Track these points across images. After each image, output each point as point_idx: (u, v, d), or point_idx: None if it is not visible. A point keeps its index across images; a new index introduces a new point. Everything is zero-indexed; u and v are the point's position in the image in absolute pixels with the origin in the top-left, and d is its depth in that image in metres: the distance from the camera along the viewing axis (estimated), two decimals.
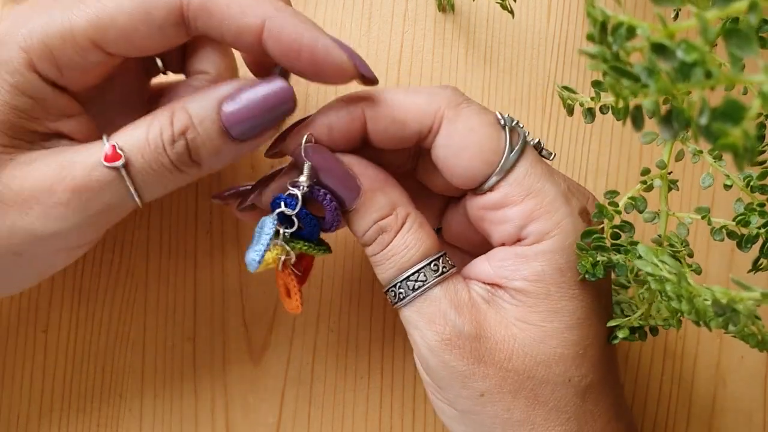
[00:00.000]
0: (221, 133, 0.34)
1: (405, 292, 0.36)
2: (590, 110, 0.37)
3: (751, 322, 0.27)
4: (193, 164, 0.35)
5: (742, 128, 0.17)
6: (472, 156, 0.36)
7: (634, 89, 0.22)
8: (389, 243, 0.36)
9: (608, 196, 0.36)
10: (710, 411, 0.48)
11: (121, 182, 0.33)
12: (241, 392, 0.46)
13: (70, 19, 0.33)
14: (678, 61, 0.19)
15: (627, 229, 0.35)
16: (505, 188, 0.36)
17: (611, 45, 0.23)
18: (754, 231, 0.33)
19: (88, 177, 0.33)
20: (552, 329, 0.35)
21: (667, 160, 0.33)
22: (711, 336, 0.48)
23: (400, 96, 0.37)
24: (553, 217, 0.36)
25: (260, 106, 0.34)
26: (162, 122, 0.34)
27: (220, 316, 0.47)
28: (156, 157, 0.33)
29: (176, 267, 0.47)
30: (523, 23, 0.49)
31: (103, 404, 0.45)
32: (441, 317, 0.35)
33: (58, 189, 0.33)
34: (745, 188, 0.34)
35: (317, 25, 0.35)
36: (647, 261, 0.30)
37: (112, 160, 0.33)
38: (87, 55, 0.34)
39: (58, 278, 0.46)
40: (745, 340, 0.29)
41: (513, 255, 0.36)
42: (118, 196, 0.34)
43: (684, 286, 0.28)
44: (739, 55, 0.17)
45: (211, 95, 0.34)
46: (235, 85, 0.35)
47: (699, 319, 0.28)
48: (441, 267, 0.36)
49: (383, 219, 0.36)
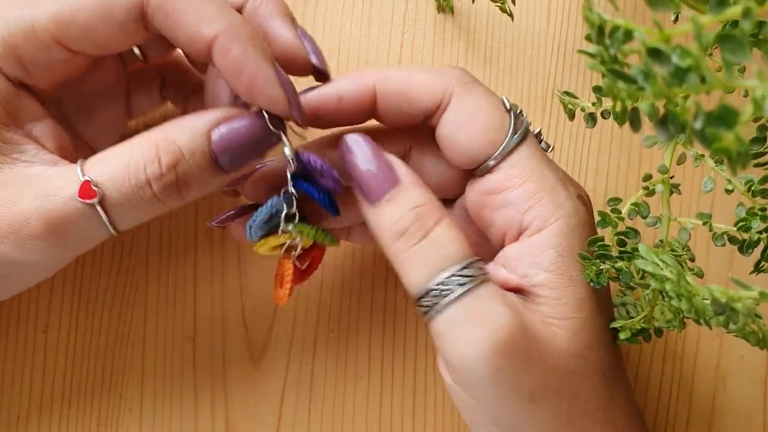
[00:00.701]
0: (211, 164, 0.34)
1: (451, 289, 0.33)
2: (591, 115, 0.37)
3: (751, 321, 0.27)
4: (179, 196, 0.34)
5: (735, 133, 0.17)
6: (477, 133, 0.36)
7: (631, 92, 0.22)
8: (430, 230, 0.34)
9: (611, 203, 0.36)
10: (710, 411, 0.48)
11: (96, 216, 0.33)
12: (241, 392, 0.46)
13: (32, 17, 0.33)
14: (673, 66, 0.19)
15: (632, 236, 0.35)
16: (506, 169, 0.36)
17: (608, 48, 0.23)
18: (755, 236, 0.33)
19: (63, 210, 0.32)
20: (582, 319, 0.35)
21: (669, 164, 0.33)
22: (711, 336, 0.48)
23: (412, 72, 0.37)
24: (555, 200, 0.36)
25: (250, 134, 0.34)
26: (145, 155, 0.33)
27: (220, 316, 0.47)
28: (136, 192, 0.33)
29: (176, 267, 0.47)
30: (523, 24, 0.49)
31: (103, 404, 0.46)
32: (494, 315, 0.32)
33: (32, 222, 0.32)
34: (746, 192, 0.34)
35: (268, 52, 0.34)
36: (648, 260, 0.30)
37: (86, 197, 0.32)
38: (50, 52, 0.33)
39: (58, 278, 0.46)
40: (745, 338, 0.29)
41: (527, 249, 0.36)
42: (94, 229, 0.33)
43: (683, 285, 0.28)
44: (733, 61, 0.17)
45: (201, 125, 0.34)
46: (222, 113, 0.35)
47: (698, 317, 0.28)
48: (484, 269, 0.34)
49: (422, 206, 0.34)
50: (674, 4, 0.20)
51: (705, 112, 0.18)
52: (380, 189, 0.34)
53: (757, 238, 0.33)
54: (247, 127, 0.34)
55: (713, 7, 0.17)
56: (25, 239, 0.32)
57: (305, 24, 0.48)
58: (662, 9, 0.20)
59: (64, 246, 0.33)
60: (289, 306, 0.47)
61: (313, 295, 0.47)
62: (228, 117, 0.34)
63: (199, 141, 0.33)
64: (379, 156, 0.35)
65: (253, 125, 0.34)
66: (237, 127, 0.34)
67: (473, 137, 0.36)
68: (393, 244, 0.34)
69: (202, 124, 0.34)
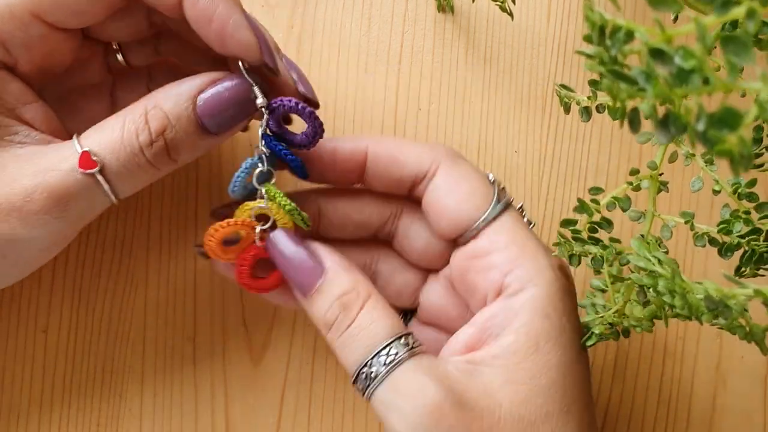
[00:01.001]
0: (198, 129, 0.35)
1: (377, 370, 0.34)
2: (587, 109, 0.37)
3: (740, 316, 0.27)
4: (171, 161, 0.35)
5: (738, 135, 0.17)
6: (463, 199, 0.37)
7: (631, 93, 0.22)
8: (354, 319, 0.35)
9: (592, 191, 0.36)
10: (710, 411, 0.48)
11: (97, 185, 0.34)
12: (241, 392, 0.46)
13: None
14: (676, 67, 0.19)
15: (605, 226, 0.36)
16: (490, 235, 0.37)
17: (609, 48, 0.23)
18: (735, 240, 0.33)
19: (64, 182, 0.33)
20: (539, 386, 0.34)
21: (660, 162, 0.33)
22: (711, 336, 0.48)
23: (404, 141, 0.40)
24: (536, 265, 0.36)
25: (233, 97, 0.35)
26: (136, 122, 0.34)
27: (220, 316, 0.47)
28: (132, 159, 0.34)
29: (176, 267, 0.47)
30: (523, 24, 0.49)
31: (103, 404, 0.46)
32: (420, 389, 0.33)
33: (35, 196, 0.33)
34: (732, 195, 0.34)
35: (239, 3, 0.35)
36: (640, 256, 0.30)
37: (87, 168, 0.33)
38: (28, 28, 0.34)
39: (58, 278, 0.46)
40: (732, 332, 0.29)
41: (500, 310, 0.36)
42: (95, 198, 0.34)
43: (678, 283, 0.28)
44: (736, 63, 0.17)
45: (184, 90, 0.35)
46: (206, 78, 0.35)
47: (691, 314, 0.29)
48: (411, 343, 0.35)
49: (345, 295, 0.35)
50: (677, 4, 0.20)
51: (707, 114, 0.18)
52: (308, 282, 0.36)
53: (737, 242, 0.33)
54: (229, 90, 0.35)
55: (718, 7, 0.17)
56: (28, 214, 0.33)
57: (305, 24, 0.48)
58: (664, 9, 0.20)
59: (67, 218, 0.34)
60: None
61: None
62: (212, 80, 0.35)
63: (184, 106, 0.34)
64: (303, 247, 0.37)
65: (236, 87, 0.35)
66: (220, 90, 0.35)
67: (459, 202, 0.37)
68: (327, 334, 0.36)
69: (187, 89, 0.35)
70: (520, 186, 0.48)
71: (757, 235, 0.33)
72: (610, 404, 0.47)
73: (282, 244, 0.37)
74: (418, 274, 0.42)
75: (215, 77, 0.35)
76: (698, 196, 0.49)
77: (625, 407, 0.48)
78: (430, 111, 0.49)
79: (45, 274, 0.46)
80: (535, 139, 0.49)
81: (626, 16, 0.50)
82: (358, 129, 0.48)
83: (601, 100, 0.37)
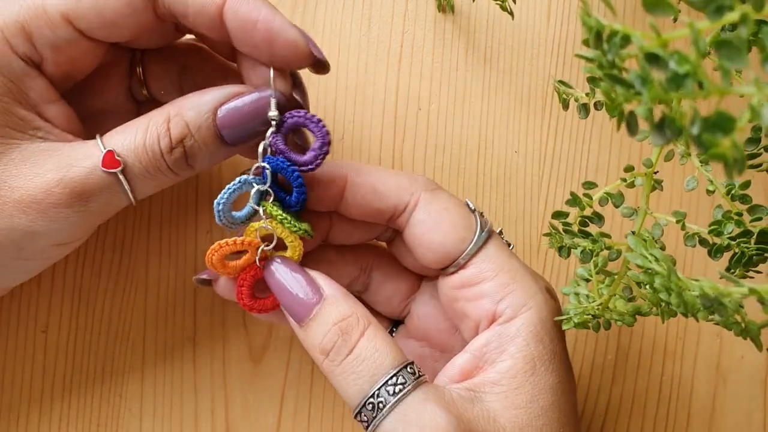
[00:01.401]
0: (216, 139, 0.36)
1: (385, 400, 0.33)
2: (584, 105, 0.38)
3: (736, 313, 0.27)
4: (188, 167, 0.36)
5: (732, 139, 0.17)
6: (448, 231, 0.38)
7: (627, 96, 0.22)
8: (354, 346, 0.34)
9: (586, 186, 0.36)
10: (710, 411, 0.48)
11: (118, 185, 0.35)
12: (241, 392, 0.46)
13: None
14: (671, 71, 0.19)
15: (595, 221, 0.36)
16: (478, 264, 0.37)
17: (606, 53, 0.23)
18: (725, 241, 0.33)
19: (86, 179, 0.34)
20: (538, 408, 0.34)
21: (655, 161, 0.34)
22: (711, 336, 0.48)
23: (382, 172, 0.39)
24: (527, 290, 0.37)
25: (252, 111, 0.35)
26: (159, 129, 0.35)
27: (220, 316, 0.47)
28: (153, 162, 0.35)
29: (176, 267, 0.47)
30: (523, 24, 0.49)
31: (103, 404, 0.46)
32: (431, 419, 0.32)
33: (56, 190, 0.33)
34: (726, 196, 0.34)
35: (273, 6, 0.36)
36: (636, 253, 0.30)
37: (110, 167, 0.34)
38: (58, 30, 0.34)
39: (58, 278, 0.46)
40: (728, 329, 0.29)
41: (496, 337, 0.36)
42: (115, 197, 0.35)
43: (673, 280, 0.28)
44: (730, 68, 0.17)
45: (207, 101, 0.35)
46: (228, 90, 0.36)
47: (687, 311, 0.29)
48: (417, 371, 0.34)
49: (345, 320, 0.35)
50: (672, 9, 0.20)
51: (702, 118, 0.18)
52: (304, 309, 0.35)
53: (727, 243, 0.33)
54: (249, 104, 0.35)
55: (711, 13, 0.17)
56: (48, 207, 0.33)
57: (305, 24, 0.48)
58: (660, 14, 0.20)
59: (85, 214, 0.35)
60: None
61: None
62: (234, 93, 0.36)
63: (205, 117, 0.35)
64: (300, 273, 0.36)
65: (256, 102, 0.36)
66: (240, 104, 0.35)
67: (444, 235, 0.38)
68: (323, 362, 0.35)
69: (209, 100, 0.35)
70: (520, 186, 0.48)
71: (747, 238, 0.33)
72: (610, 404, 0.47)
73: (279, 272, 0.37)
74: (410, 281, 0.42)
75: (237, 91, 0.36)
76: (693, 196, 0.49)
77: (625, 407, 0.48)
78: (430, 111, 0.49)
79: (45, 275, 0.46)
80: (535, 139, 0.49)
81: (625, 20, 0.50)
82: (358, 129, 0.48)
83: (599, 97, 0.37)
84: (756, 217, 0.33)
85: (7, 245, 0.34)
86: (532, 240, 0.48)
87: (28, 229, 0.34)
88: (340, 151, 0.48)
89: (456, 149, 0.49)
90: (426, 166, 0.48)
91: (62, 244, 0.36)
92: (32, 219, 0.34)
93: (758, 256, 0.33)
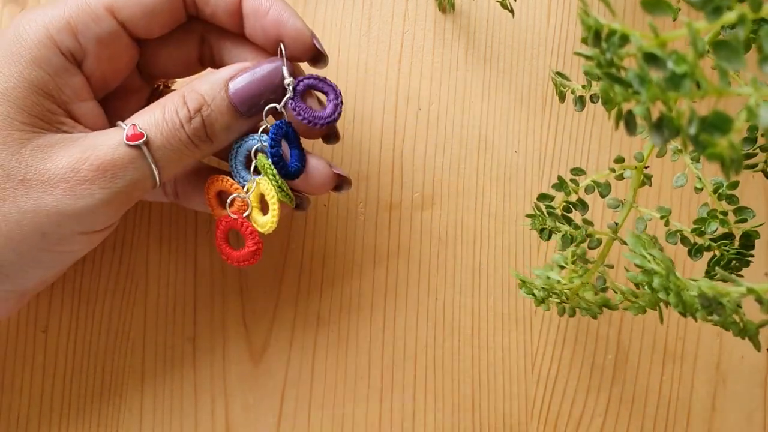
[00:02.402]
0: (231, 109, 0.37)
1: None
2: (581, 98, 0.38)
3: (734, 313, 0.27)
4: (207, 139, 0.37)
5: (729, 139, 0.17)
6: None
7: (626, 96, 0.22)
8: None
9: (573, 172, 0.37)
10: (710, 411, 0.48)
11: (143, 159, 0.36)
12: (241, 392, 0.46)
13: None
14: (669, 72, 0.19)
15: (579, 207, 0.36)
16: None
17: (605, 52, 0.23)
18: (706, 242, 0.33)
19: (111, 155, 0.35)
20: None
21: (647, 155, 0.34)
22: (711, 336, 0.48)
23: None
24: None
25: (263, 82, 0.38)
26: (176, 103, 0.37)
27: (220, 316, 0.47)
28: (174, 134, 0.36)
29: (176, 267, 0.47)
30: (523, 23, 0.49)
31: (103, 404, 0.46)
32: None
33: (83, 167, 0.34)
34: (713, 194, 0.34)
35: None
36: (636, 253, 0.30)
37: (134, 139, 0.35)
38: (101, 23, 0.37)
39: (58, 278, 0.46)
40: (726, 328, 0.29)
41: None
42: (140, 173, 0.36)
43: (672, 280, 0.28)
44: (727, 68, 0.17)
45: (218, 76, 0.38)
46: (237, 66, 0.38)
47: (685, 311, 0.29)
48: None
49: None
50: (671, 9, 0.20)
51: (699, 118, 0.18)
52: None
53: (708, 244, 0.33)
54: (259, 73, 0.38)
55: (710, 13, 0.17)
56: (76, 184, 0.34)
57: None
58: (659, 13, 0.20)
59: (111, 192, 0.35)
60: (289, 306, 0.47)
61: (313, 295, 0.47)
62: (243, 68, 0.38)
63: (218, 89, 0.37)
64: None
65: (265, 71, 0.38)
66: (251, 74, 0.38)
67: None
68: None
69: (221, 74, 0.38)
70: (520, 186, 0.48)
71: (729, 241, 0.33)
72: (611, 404, 0.47)
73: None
74: None
75: (246, 65, 0.38)
76: (682, 195, 0.49)
77: (626, 407, 0.48)
78: (430, 111, 0.49)
79: None
80: (535, 139, 0.49)
81: (625, 19, 0.50)
82: (358, 129, 0.48)
83: (595, 90, 0.37)
84: (741, 219, 0.33)
85: (31, 232, 0.35)
86: (532, 240, 0.48)
87: (54, 209, 0.34)
88: (340, 151, 0.48)
89: (456, 149, 0.49)
90: (426, 166, 0.48)
91: (86, 232, 0.36)
92: (59, 198, 0.34)
93: (737, 260, 0.33)
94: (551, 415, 0.47)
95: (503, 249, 0.48)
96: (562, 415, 0.47)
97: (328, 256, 0.47)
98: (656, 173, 0.48)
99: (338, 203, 0.48)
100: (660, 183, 0.49)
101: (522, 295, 0.38)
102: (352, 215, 0.48)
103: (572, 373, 0.47)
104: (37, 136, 0.35)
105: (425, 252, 0.48)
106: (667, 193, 0.49)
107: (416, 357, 0.47)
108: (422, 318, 0.47)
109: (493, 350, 0.47)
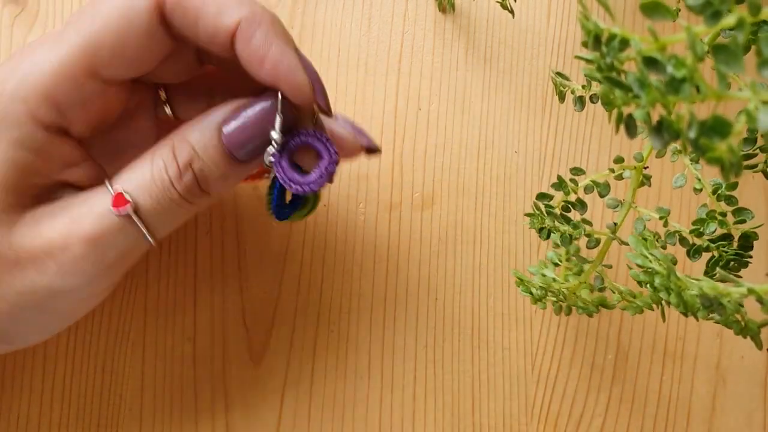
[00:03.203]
0: (225, 157, 0.34)
1: None
2: (581, 98, 0.38)
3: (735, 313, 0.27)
4: (203, 194, 0.34)
5: (728, 143, 0.17)
6: None
7: (626, 99, 0.22)
8: None
9: (573, 172, 0.37)
10: (710, 411, 0.48)
11: (133, 226, 0.33)
12: (241, 392, 0.46)
13: (59, 55, 0.32)
14: (668, 76, 0.19)
15: (578, 207, 0.36)
16: None
17: (605, 56, 0.23)
18: (704, 243, 0.33)
19: (100, 225, 0.32)
20: None
21: (646, 156, 0.34)
22: (711, 336, 0.48)
23: None
24: None
25: (259, 123, 0.34)
26: (164, 157, 0.33)
27: (220, 316, 0.47)
28: (164, 194, 0.33)
29: (176, 267, 0.47)
30: (523, 24, 0.49)
31: (103, 404, 0.46)
32: None
33: (72, 243, 0.32)
34: (712, 195, 0.34)
35: (292, 40, 0.34)
36: (637, 253, 0.30)
37: (120, 206, 0.32)
38: (83, 87, 0.33)
39: None
40: (728, 327, 0.29)
41: None
42: (132, 240, 0.34)
43: (673, 280, 0.28)
44: (726, 72, 0.17)
45: (210, 121, 0.34)
46: (229, 107, 0.34)
47: (687, 310, 0.29)
48: None
49: None
50: (670, 13, 0.20)
51: (699, 122, 0.18)
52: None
53: (706, 245, 0.33)
54: (255, 117, 0.34)
55: (708, 18, 0.17)
56: (64, 264, 0.32)
57: (305, 24, 0.48)
58: (658, 17, 0.20)
59: (104, 265, 0.33)
60: (289, 306, 0.47)
61: (314, 295, 0.47)
62: (239, 107, 0.34)
63: (210, 136, 0.33)
64: None
65: (261, 113, 0.34)
66: (246, 118, 0.34)
67: None
68: None
69: (212, 119, 0.34)
70: (520, 186, 0.48)
71: (728, 242, 0.33)
72: (611, 404, 0.47)
73: None
74: None
75: (239, 105, 0.34)
76: (681, 196, 0.49)
77: (626, 407, 0.48)
78: (430, 111, 0.49)
79: None
80: (535, 139, 0.49)
81: (625, 22, 0.50)
82: None
83: (594, 90, 0.37)
84: (740, 219, 0.33)
85: (30, 309, 0.34)
86: (533, 240, 0.48)
87: (47, 289, 0.33)
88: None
89: (456, 149, 0.49)
90: (426, 166, 0.48)
91: (85, 299, 0.36)
92: (51, 278, 0.33)
93: (736, 261, 0.33)
94: (551, 415, 0.47)
95: (503, 249, 0.48)
96: (562, 415, 0.47)
97: (328, 256, 0.47)
98: (655, 174, 0.48)
99: (338, 203, 0.48)
100: (659, 183, 0.49)
101: (521, 295, 0.38)
102: (352, 215, 0.48)
103: (572, 373, 0.47)
104: (28, 211, 0.33)
105: (425, 252, 0.48)
106: (667, 194, 0.49)
107: (416, 357, 0.47)
108: (422, 318, 0.47)
109: (493, 350, 0.47)
